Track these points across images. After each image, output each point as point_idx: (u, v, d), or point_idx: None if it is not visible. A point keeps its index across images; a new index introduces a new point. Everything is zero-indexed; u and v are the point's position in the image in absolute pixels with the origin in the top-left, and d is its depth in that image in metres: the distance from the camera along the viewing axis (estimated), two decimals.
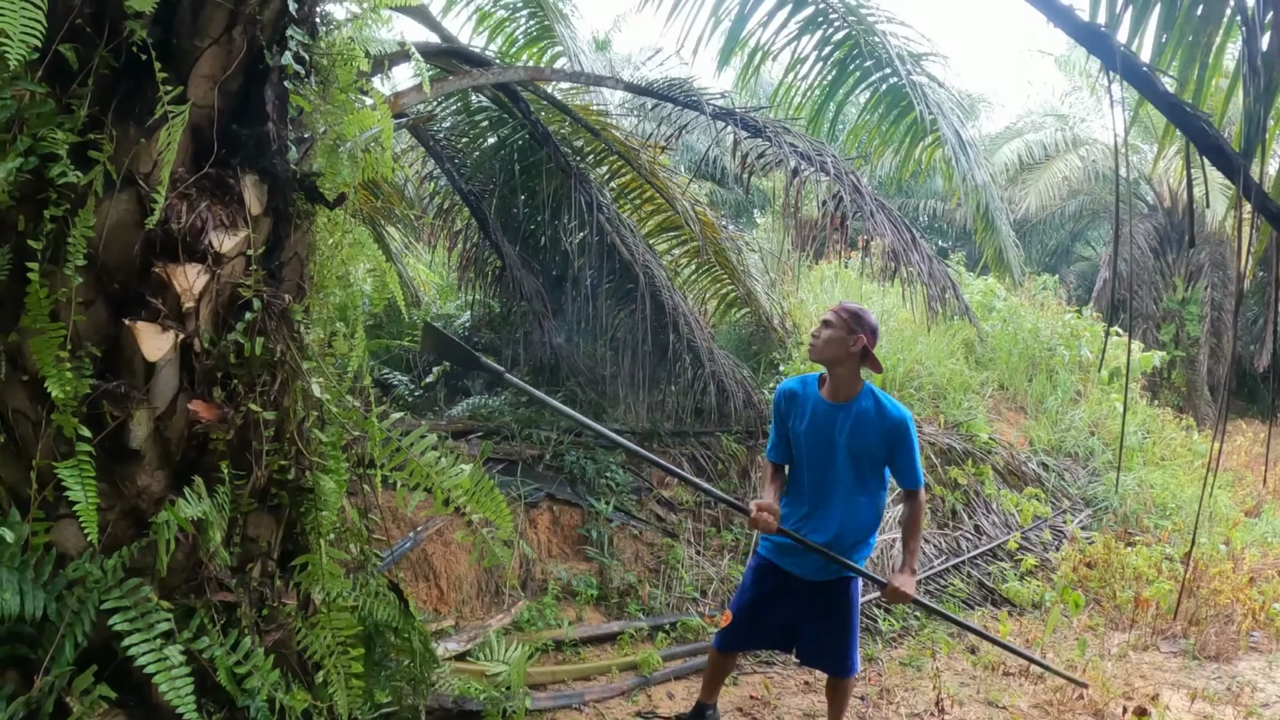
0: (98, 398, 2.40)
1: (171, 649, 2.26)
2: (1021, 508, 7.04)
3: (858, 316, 3.38)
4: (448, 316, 8.86)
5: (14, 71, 2.13)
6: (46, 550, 2.30)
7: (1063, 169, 15.81)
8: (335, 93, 2.92)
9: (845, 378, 3.41)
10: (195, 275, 2.54)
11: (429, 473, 3.00)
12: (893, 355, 7.47)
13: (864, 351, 3.39)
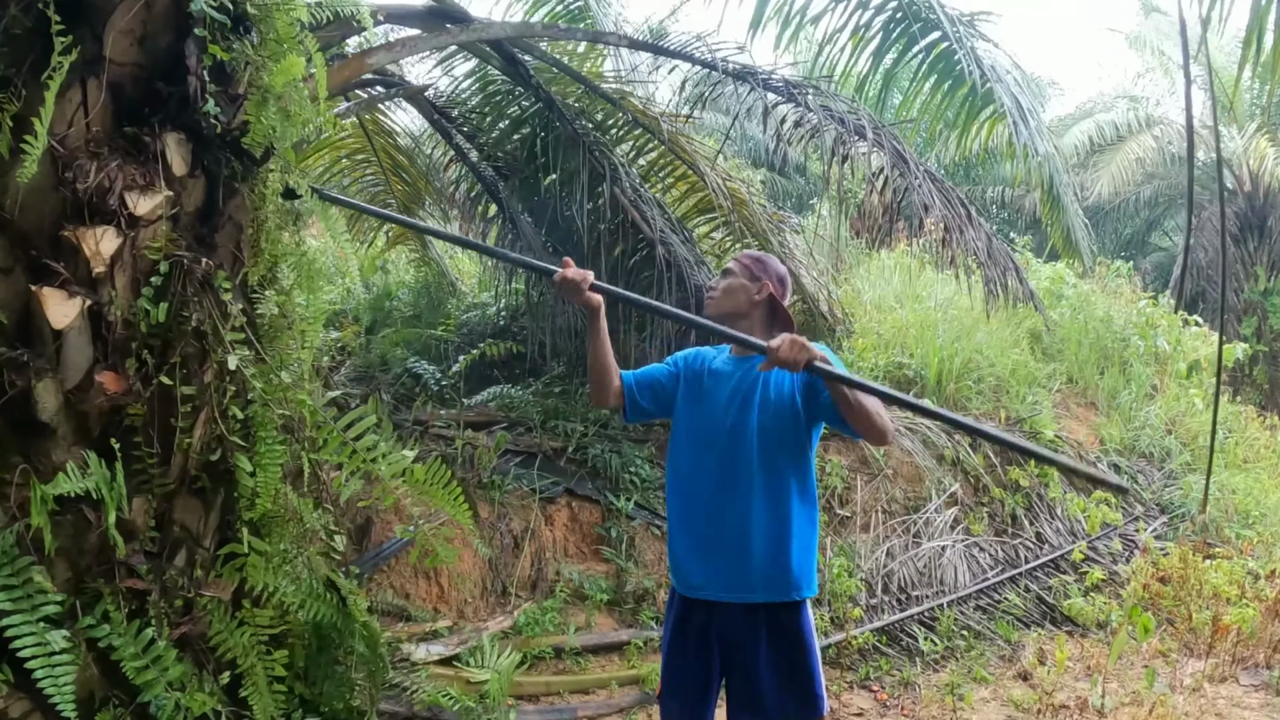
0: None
1: (55, 634, 2.21)
2: (1089, 514, 6.65)
3: (760, 262, 3.01)
4: (483, 305, 8.86)
5: None
6: None
7: (1136, 149, 15.14)
8: (271, 44, 2.85)
9: (750, 332, 2.85)
10: (104, 238, 2.50)
11: (365, 458, 2.92)
12: (949, 345, 7.15)
13: (771, 303, 2.93)
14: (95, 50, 2.49)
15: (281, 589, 2.86)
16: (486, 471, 5.72)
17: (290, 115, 2.83)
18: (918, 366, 7.00)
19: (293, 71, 2.70)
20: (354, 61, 3.59)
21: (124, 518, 2.48)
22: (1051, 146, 6.15)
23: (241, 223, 2.95)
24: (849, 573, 5.44)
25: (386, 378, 7.90)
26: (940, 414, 2.78)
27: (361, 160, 8.22)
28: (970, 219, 5.86)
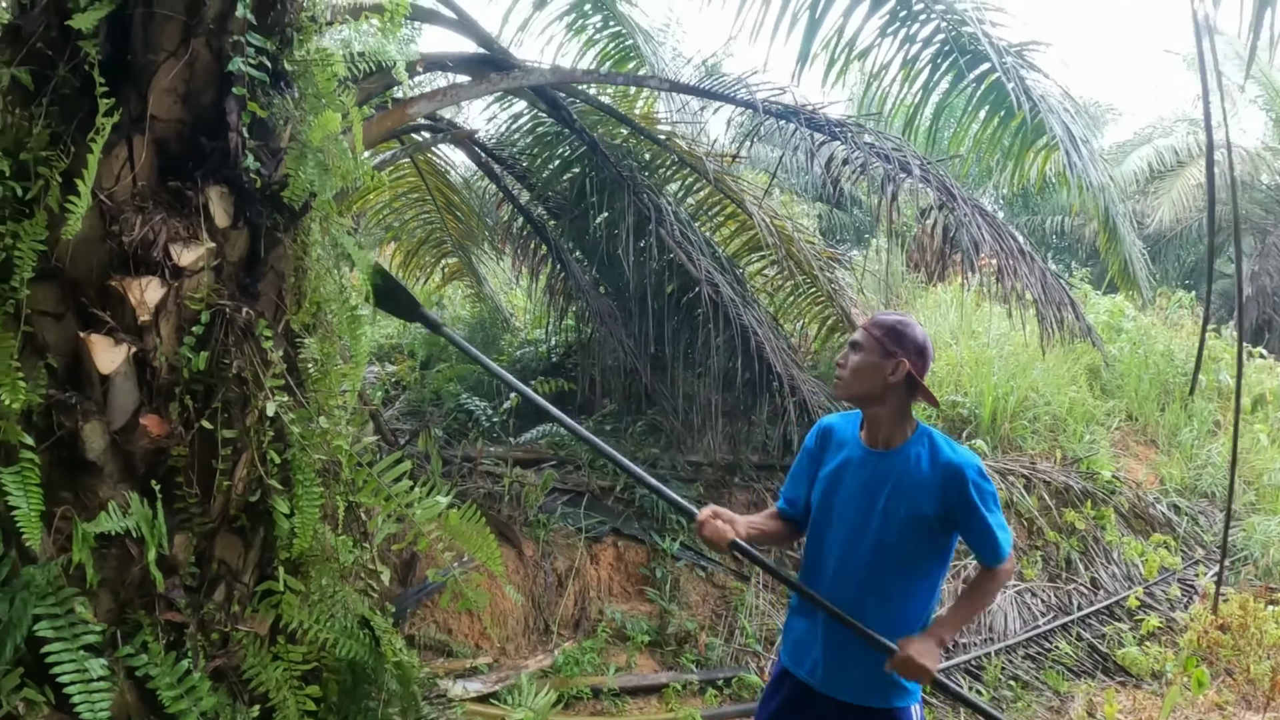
0: (49, 408, 2.57)
1: (93, 662, 2.37)
2: (1146, 558, 6.50)
3: (895, 333, 2.62)
4: (536, 342, 9.04)
5: None
6: (7, 551, 2.48)
7: (1196, 175, 14.84)
8: (311, 99, 3.03)
9: (887, 418, 2.64)
10: (149, 288, 2.68)
11: (399, 502, 3.07)
12: (1004, 383, 7.09)
13: (909, 380, 2.62)
14: (140, 108, 2.69)
15: (315, 627, 3.00)
16: (533, 509, 5.84)
17: (329, 168, 2.99)
18: (972, 405, 6.96)
19: (329, 127, 2.86)
20: (396, 111, 3.77)
21: (165, 554, 2.65)
22: (1107, 176, 6.12)
23: (283, 271, 3.11)
24: None
25: (439, 413, 8.11)
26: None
27: (417, 199, 8.50)
28: (1022, 254, 5.85)
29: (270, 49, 2.85)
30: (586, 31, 7.32)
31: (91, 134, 2.43)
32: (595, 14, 7.15)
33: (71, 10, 2.49)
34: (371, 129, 3.83)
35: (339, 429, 3.11)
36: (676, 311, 6.30)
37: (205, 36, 2.75)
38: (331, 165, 3.01)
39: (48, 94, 2.58)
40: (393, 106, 3.70)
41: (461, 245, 8.98)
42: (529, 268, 7.43)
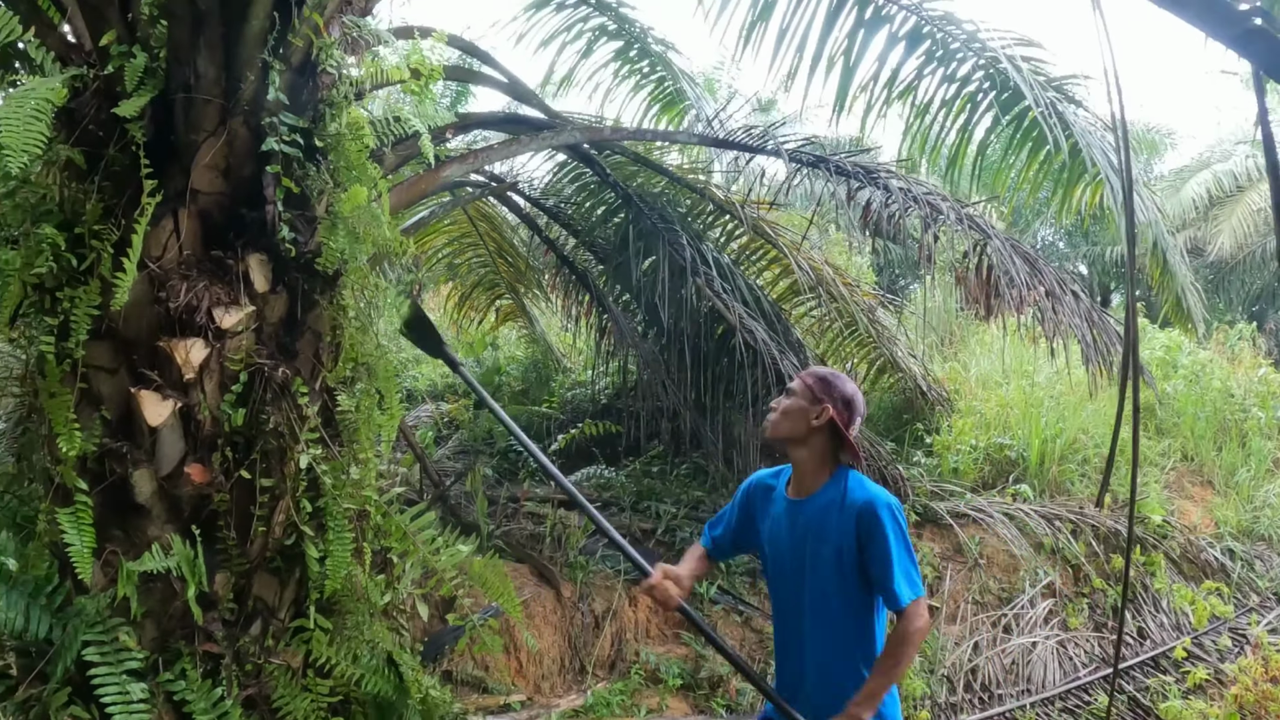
0: (103, 455, 2.91)
1: (135, 686, 2.67)
2: (1196, 606, 6.45)
3: (825, 381, 2.82)
4: (587, 384, 9.32)
5: (22, 174, 2.69)
6: (62, 582, 2.82)
7: (1256, 199, 14.59)
8: (342, 170, 3.34)
9: (808, 463, 2.80)
10: (193, 349, 3.01)
11: (425, 550, 3.35)
12: (1053, 425, 7.11)
13: (833, 428, 2.76)
14: (184, 183, 3.03)
15: (343, 663, 3.27)
16: (574, 551, 6.07)
17: (359, 237, 3.28)
18: (1020, 448, 7.01)
19: (357, 199, 3.16)
20: (427, 176, 4.09)
21: (205, 591, 2.95)
22: (1155, 209, 6.18)
23: (321, 331, 3.39)
24: (929, 669, 5.48)
25: (490, 452, 8.42)
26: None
27: (470, 243, 8.88)
28: (1064, 292, 5.95)
29: (303, 126, 3.16)
30: (633, 78, 7.66)
31: (137, 212, 2.76)
32: (641, 60, 7.48)
33: (119, 95, 2.85)
34: (404, 193, 4.15)
35: (369, 479, 3.40)
36: (717, 356, 6.51)
37: (242, 116, 3.08)
38: (362, 233, 3.30)
39: (99, 172, 2.94)
40: (424, 172, 4.01)
41: (513, 288, 9.34)
42: (574, 313, 7.72)
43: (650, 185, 6.41)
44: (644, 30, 7.04)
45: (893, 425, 7.59)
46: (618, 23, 6.98)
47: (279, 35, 3.03)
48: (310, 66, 3.25)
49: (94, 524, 2.78)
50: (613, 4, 6.66)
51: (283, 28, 3.03)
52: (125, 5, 2.96)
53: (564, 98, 7.96)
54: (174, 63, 2.92)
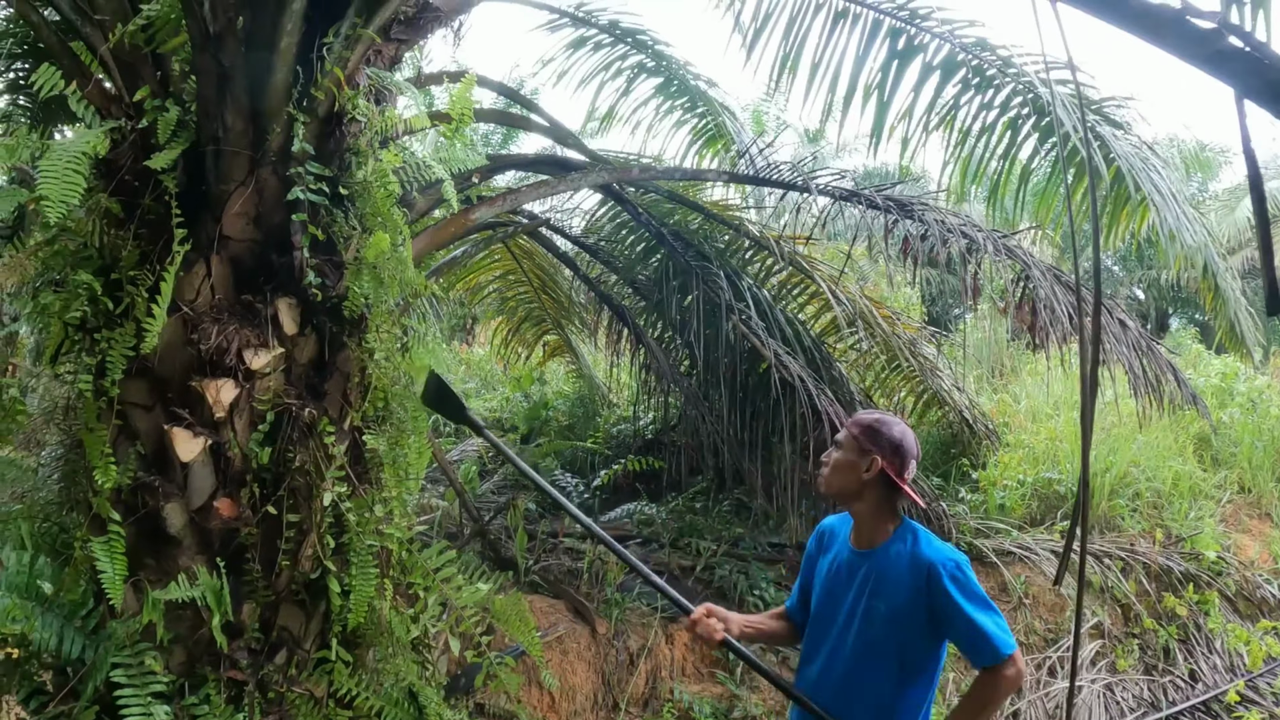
0: (137, 488, 3.13)
1: (159, 708, 2.85)
2: (1251, 646, 6.30)
3: (871, 430, 2.75)
4: (633, 419, 9.45)
5: (61, 223, 2.92)
6: (96, 606, 3.03)
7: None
8: (369, 216, 3.54)
9: (866, 516, 2.76)
10: (223, 389, 3.22)
11: (448, 588, 3.50)
12: (1103, 459, 7.03)
13: (885, 478, 2.71)
14: (216, 230, 3.26)
15: (364, 695, 3.43)
16: (611, 587, 6.17)
17: (384, 281, 3.47)
18: (1068, 482, 6.96)
19: (381, 245, 3.34)
20: (458, 218, 4.27)
21: (231, 620, 3.14)
22: (1205, 232, 6.14)
23: (349, 372, 3.57)
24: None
25: (534, 487, 8.56)
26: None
27: (515, 279, 9.11)
28: (1111, 320, 5.94)
29: (329, 174, 3.37)
30: (675, 114, 7.85)
31: (167, 261, 2.98)
32: (681, 96, 7.67)
33: (154, 147, 3.09)
34: (434, 236, 4.34)
35: (394, 516, 3.56)
36: (757, 392, 6.59)
37: (271, 166, 3.30)
38: (388, 278, 3.48)
39: (136, 220, 3.17)
40: (453, 215, 4.20)
41: (559, 324, 9.55)
42: (617, 349, 7.87)
43: (687, 222, 6.55)
44: (682, 66, 7.22)
45: (940, 460, 7.59)
46: (656, 59, 7.17)
47: (303, 88, 3.24)
48: (336, 117, 3.46)
49: (127, 552, 3.00)
50: (649, 41, 6.85)
51: (306, 81, 3.25)
52: (158, 61, 3.20)
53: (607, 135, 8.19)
54: (204, 116, 3.16)
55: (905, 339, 6.95)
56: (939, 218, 5.71)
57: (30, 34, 4.52)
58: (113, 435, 3.12)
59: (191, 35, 2.97)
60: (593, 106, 7.58)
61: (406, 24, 4.20)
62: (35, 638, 2.79)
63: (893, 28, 5.73)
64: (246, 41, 3.08)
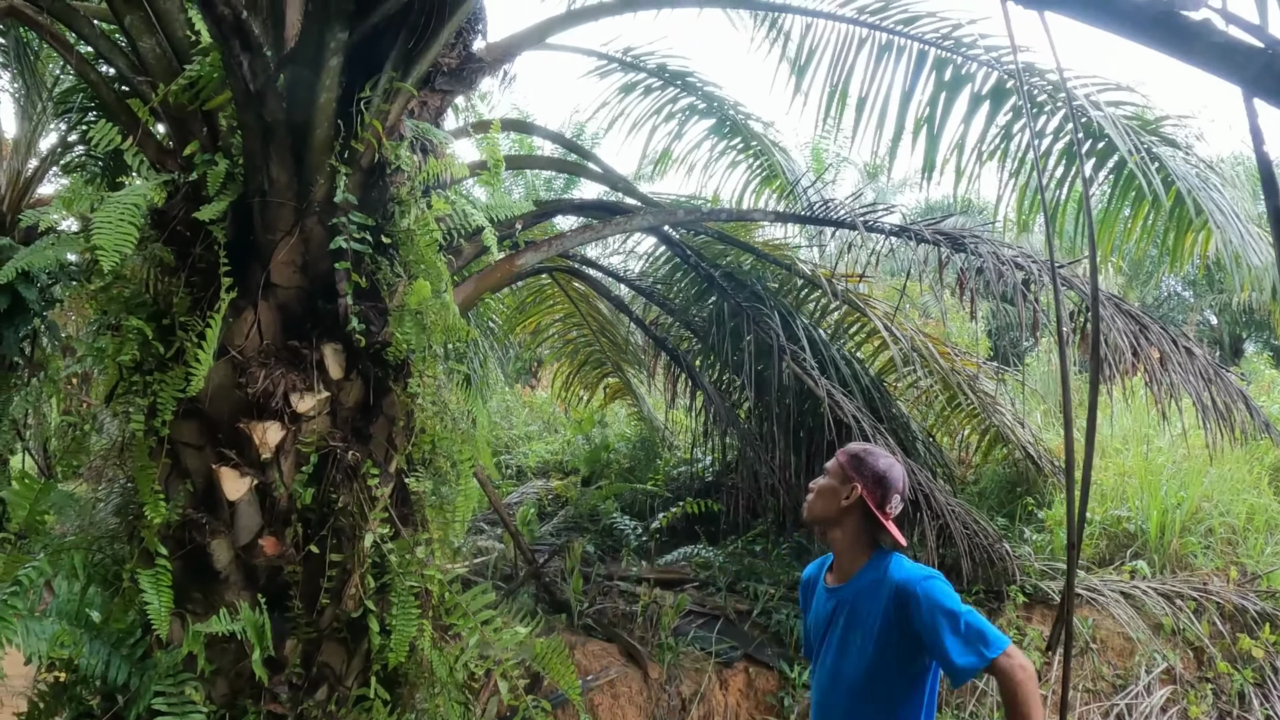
0: (186, 524, 3.30)
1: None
2: None
3: (856, 459, 2.80)
4: (693, 461, 9.50)
5: (115, 271, 3.12)
6: (143, 636, 3.20)
7: None
8: (413, 264, 3.69)
9: (843, 546, 2.79)
10: (269, 431, 3.39)
11: (488, 630, 3.60)
12: (1174, 494, 6.84)
13: (864, 508, 2.75)
14: (263, 278, 3.45)
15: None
16: (665, 631, 6.21)
17: (427, 327, 3.60)
18: (1138, 520, 6.80)
19: (422, 293, 3.47)
20: (503, 264, 4.43)
21: (273, 655, 3.28)
22: (1272, 252, 6.03)
23: (394, 416, 3.70)
24: None
25: (595, 529, 8.66)
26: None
27: (575, 322, 9.27)
28: (1177, 349, 5.84)
29: (371, 224, 3.53)
30: (729, 155, 7.98)
31: (213, 309, 3.16)
32: (734, 136, 7.79)
33: (205, 199, 3.28)
34: (480, 282, 4.50)
35: (436, 558, 3.67)
36: (815, 433, 6.60)
37: (316, 216, 3.48)
38: (431, 323, 3.61)
39: (188, 268, 3.37)
40: (498, 261, 4.35)
41: (618, 366, 9.68)
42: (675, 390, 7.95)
43: (739, 262, 6.64)
44: (733, 106, 7.35)
45: (1005, 500, 7.48)
46: (706, 101, 7.30)
47: (344, 141, 3.42)
48: (378, 167, 3.64)
49: (174, 585, 3.16)
50: (698, 83, 6.99)
51: (347, 134, 3.42)
52: (207, 117, 3.42)
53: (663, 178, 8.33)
54: (250, 169, 3.35)
55: (966, 375, 6.91)
56: (993, 250, 5.70)
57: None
58: (163, 473, 3.30)
59: (234, 93, 3.16)
60: (647, 150, 7.74)
61: (450, 75, 4.38)
62: (83, 663, 2.96)
63: (938, 59, 5.78)
64: (287, 98, 3.27)
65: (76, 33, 3.95)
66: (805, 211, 5.98)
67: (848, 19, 5.92)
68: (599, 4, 5.23)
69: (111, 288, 3.20)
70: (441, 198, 3.81)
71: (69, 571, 3.23)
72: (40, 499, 3.51)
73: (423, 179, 3.74)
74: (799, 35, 6.27)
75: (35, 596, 3.13)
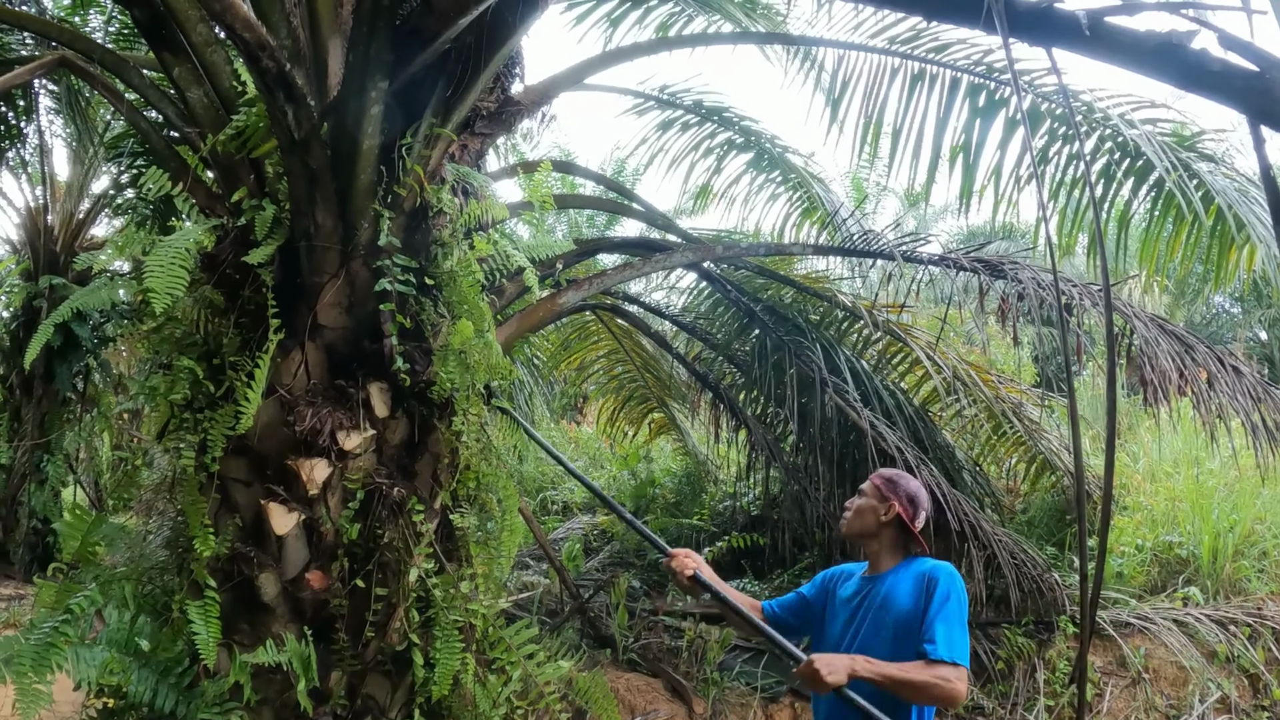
0: (235, 557, 3.40)
1: None
2: None
3: (891, 482, 3.26)
4: (739, 495, 9.50)
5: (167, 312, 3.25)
6: (191, 665, 3.30)
7: None
8: (456, 304, 3.78)
9: (880, 553, 3.20)
10: (316, 468, 3.49)
11: (531, 665, 3.66)
12: (1226, 517, 6.70)
13: (900, 523, 3.17)
14: (310, 319, 3.56)
15: None
16: (710, 666, 6.21)
17: (470, 366, 3.68)
18: (1191, 546, 6.68)
19: (465, 333, 3.56)
20: (545, 303, 4.53)
21: (318, 686, 3.36)
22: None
23: (439, 453, 3.81)
24: None
25: (640, 564, 8.69)
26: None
27: (620, 358, 9.35)
28: (1224, 369, 5.78)
29: (414, 266, 3.63)
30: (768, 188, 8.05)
31: (262, 350, 3.28)
32: (773, 170, 7.85)
33: (253, 243, 3.41)
34: (523, 320, 4.59)
35: (481, 593, 3.75)
36: (859, 465, 6.60)
37: (360, 259, 3.60)
38: (474, 363, 3.69)
39: (237, 309, 3.50)
40: (540, 300, 4.45)
41: (663, 401, 9.73)
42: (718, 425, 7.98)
43: (780, 296, 6.69)
44: (770, 139, 7.43)
45: (1054, 528, 7.39)
46: (744, 135, 7.38)
47: (387, 186, 3.55)
48: (420, 211, 3.76)
49: (222, 616, 3.26)
50: (734, 119, 7.09)
51: (390, 179, 3.55)
52: (254, 164, 3.56)
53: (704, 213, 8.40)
54: (296, 214, 3.49)
55: (1011, 402, 6.88)
56: (1033, 275, 5.70)
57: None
58: (213, 507, 3.41)
59: (280, 141, 3.30)
60: (687, 185, 7.83)
61: (489, 119, 4.51)
62: (131, 690, 3.06)
63: (971, 85, 5.82)
64: (331, 145, 3.40)
65: (126, 82, 4.15)
66: (845, 243, 6.01)
67: (880, 50, 5.99)
68: (633, 45, 5.35)
69: (163, 328, 3.33)
70: (483, 238, 3.93)
71: (119, 601, 3.35)
72: (92, 531, 3.64)
73: (464, 221, 3.85)
74: (832, 67, 6.34)
75: (86, 625, 3.24)
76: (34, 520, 9.69)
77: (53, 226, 10.24)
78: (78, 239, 10.43)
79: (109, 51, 4.34)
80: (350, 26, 3.71)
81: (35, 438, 9.77)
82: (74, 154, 10.21)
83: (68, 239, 10.34)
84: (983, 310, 6.17)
